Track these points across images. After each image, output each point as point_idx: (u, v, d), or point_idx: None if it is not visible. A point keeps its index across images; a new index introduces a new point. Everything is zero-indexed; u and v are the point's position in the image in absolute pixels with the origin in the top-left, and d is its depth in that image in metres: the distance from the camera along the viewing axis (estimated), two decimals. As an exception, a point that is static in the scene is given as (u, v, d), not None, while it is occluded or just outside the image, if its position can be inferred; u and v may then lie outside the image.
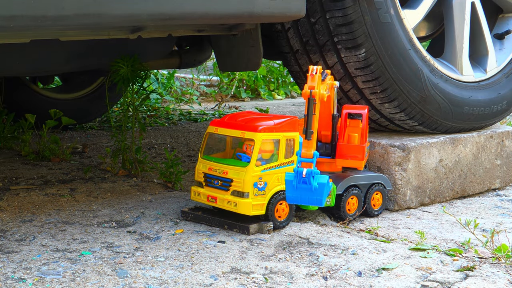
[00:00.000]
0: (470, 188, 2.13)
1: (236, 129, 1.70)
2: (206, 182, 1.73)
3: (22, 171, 2.33)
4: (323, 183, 1.53)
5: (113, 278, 1.37)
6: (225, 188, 1.68)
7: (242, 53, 2.09)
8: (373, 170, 1.97)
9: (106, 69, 2.23)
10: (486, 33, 2.24)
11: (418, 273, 1.45)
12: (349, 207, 1.81)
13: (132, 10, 1.45)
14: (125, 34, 1.77)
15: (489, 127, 2.25)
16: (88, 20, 1.41)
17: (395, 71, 1.93)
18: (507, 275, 1.43)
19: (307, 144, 1.55)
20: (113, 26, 1.67)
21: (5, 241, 1.60)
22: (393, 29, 1.92)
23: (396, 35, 1.93)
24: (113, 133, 2.30)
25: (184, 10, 1.53)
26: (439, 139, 2.03)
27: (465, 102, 2.10)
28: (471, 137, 2.11)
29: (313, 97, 1.57)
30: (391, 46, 1.92)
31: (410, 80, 1.96)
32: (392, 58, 1.92)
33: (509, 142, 2.24)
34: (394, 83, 1.94)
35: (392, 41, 1.93)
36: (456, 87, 2.09)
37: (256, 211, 1.66)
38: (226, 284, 1.36)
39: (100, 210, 1.88)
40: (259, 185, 1.65)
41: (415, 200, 1.97)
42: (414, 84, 1.97)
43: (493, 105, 2.20)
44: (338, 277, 1.41)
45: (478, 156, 2.14)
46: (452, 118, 2.07)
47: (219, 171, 1.70)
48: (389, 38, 1.92)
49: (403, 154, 1.93)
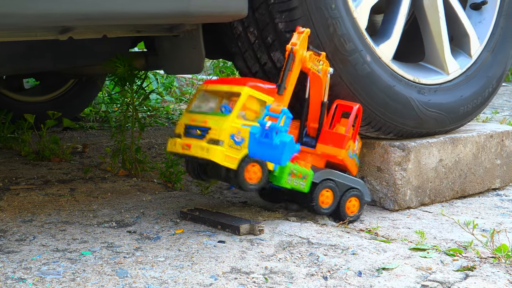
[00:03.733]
0: (470, 188, 2.13)
1: (226, 84, 1.69)
2: (185, 132, 1.71)
3: (22, 171, 2.33)
4: (284, 141, 1.48)
5: (113, 278, 1.37)
6: (201, 137, 1.65)
7: (185, 55, 1.98)
8: (373, 170, 1.96)
9: (53, 69, 2.18)
10: (463, 19, 2.16)
11: (418, 273, 1.45)
12: (323, 199, 1.77)
13: (45, 10, 1.38)
14: (54, 35, 1.69)
15: (488, 129, 2.24)
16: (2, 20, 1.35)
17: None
18: (507, 275, 1.43)
19: (278, 98, 1.55)
20: (31, 26, 1.56)
21: (5, 241, 1.60)
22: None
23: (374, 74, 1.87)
24: (113, 133, 2.30)
25: (101, 9, 1.44)
26: (439, 139, 2.03)
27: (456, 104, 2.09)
28: (471, 137, 2.11)
29: (293, 53, 1.57)
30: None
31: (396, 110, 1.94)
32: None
33: (509, 141, 2.23)
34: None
35: (375, 88, 1.88)
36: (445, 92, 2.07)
37: (227, 163, 1.61)
38: (226, 284, 1.36)
39: (100, 210, 1.88)
40: (236, 138, 1.62)
41: (415, 200, 1.97)
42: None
43: (486, 89, 2.16)
44: (338, 277, 1.41)
45: (478, 156, 2.14)
46: (450, 124, 2.08)
47: (199, 121, 1.67)
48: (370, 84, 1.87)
49: (403, 154, 1.93)
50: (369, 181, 1.98)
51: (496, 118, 3.55)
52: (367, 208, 1.96)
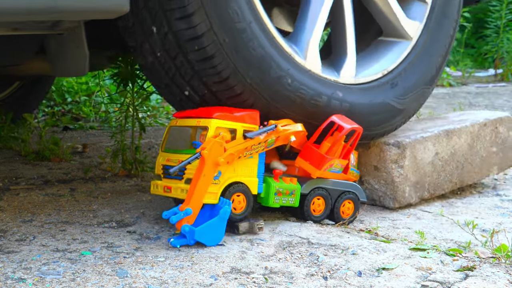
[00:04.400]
0: (468, 178, 2.13)
1: (194, 118, 1.66)
2: (164, 173, 1.69)
3: (22, 171, 2.33)
4: (201, 233, 1.55)
5: (113, 278, 1.37)
6: (179, 177, 1.64)
7: (69, 55, 1.83)
8: (370, 169, 1.97)
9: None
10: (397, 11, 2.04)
11: (418, 273, 1.45)
12: (314, 208, 1.78)
13: None
14: None
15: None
16: None
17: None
18: (507, 275, 1.43)
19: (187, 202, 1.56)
20: None
21: (5, 241, 1.60)
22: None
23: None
24: (113, 133, 2.30)
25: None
26: (433, 132, 2.03)
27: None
28: (465, 128, 2.11)
29: (203, 158, 1.56)
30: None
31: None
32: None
33: (503, 128, 2.23)
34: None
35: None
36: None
37: (209, 200, 1.60)
38: (226, 284, 1.36)
39: (100, 210, 1.88)
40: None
41: (415, 196, 1.97)
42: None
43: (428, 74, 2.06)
44: (338, 277, 1.41)
45: (473, 146, 2.13)
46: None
47: (174, 160, 1.65)
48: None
49: (398, 151, 1.93)
50: (367, 181, 1.98)
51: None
52: (367, 208, 1.96)
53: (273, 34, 1.74)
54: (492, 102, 4.48)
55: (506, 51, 6.29)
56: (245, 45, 1.68)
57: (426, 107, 4.15)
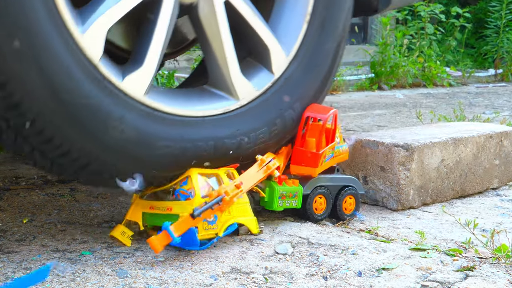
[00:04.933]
0: (470, 188, 2.13)
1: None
2: (144, 222, 1.60)
3: (22, 171, 2.33)
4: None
5: (113, 278, 1.37)
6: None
7: None
8: (377, 169, 1.96)
9: None
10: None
11: (418, 273, 1.45)
12: (316, 206, 1.78)
13: None
14: None
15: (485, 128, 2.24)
16: None
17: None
18: (507, 275, 1.43)
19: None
20: None
21: (5, 241, 1.60)
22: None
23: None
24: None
25: None
26: (442, 138, 2.03)
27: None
28: (472, 137, 2.11)
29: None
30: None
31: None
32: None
33: (507, 142, 2.24)
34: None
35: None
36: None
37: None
38: (226, 284, 1.36)
39: (100, 210, 1.88)
40: (208, 219, 1.51)
41: (418, 200, 1.97)
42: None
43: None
44: (338, 277, 1.41)
45: (478, 156, 2.14)
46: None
47: (162, 208, 1.55)
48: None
49: (406, 154, 1.93)
50: (372, 181, 1.98)
51: (497, 119, 3.55)
52: (367, 208, 1.96)
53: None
54: (492, 102, 4.48)
55: (506, 51, 6.29)
56: None
57: (426, 107, 4.15)
